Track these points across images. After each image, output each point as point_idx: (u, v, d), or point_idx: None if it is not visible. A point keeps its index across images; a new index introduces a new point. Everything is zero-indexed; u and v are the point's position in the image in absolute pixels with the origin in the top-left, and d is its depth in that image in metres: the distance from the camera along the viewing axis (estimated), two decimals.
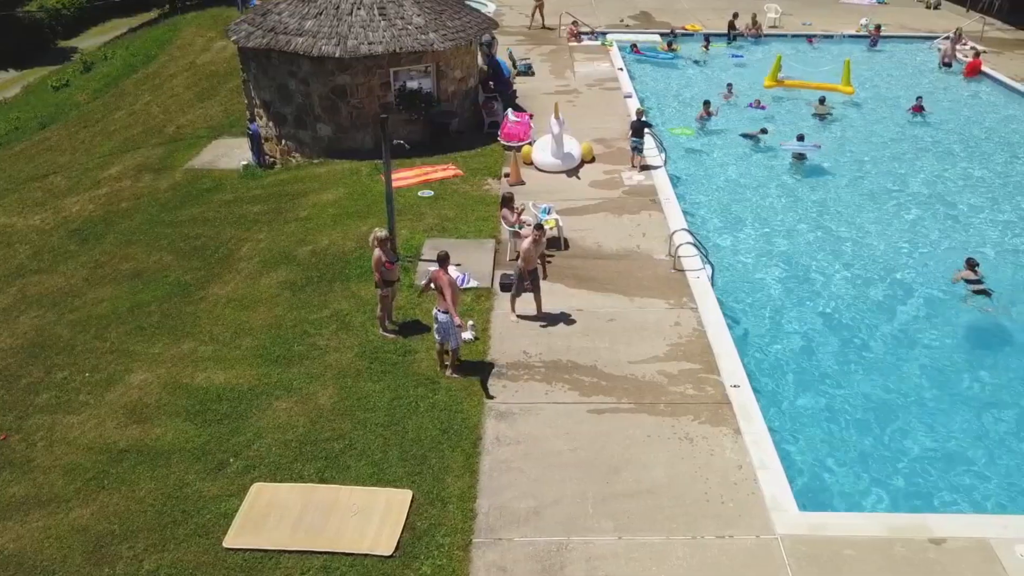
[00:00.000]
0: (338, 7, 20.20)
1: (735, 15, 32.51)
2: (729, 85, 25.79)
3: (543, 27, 32.78)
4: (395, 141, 14.73)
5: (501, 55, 27.06)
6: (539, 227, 13.74)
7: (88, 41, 42.05)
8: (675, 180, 19.94)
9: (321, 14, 20.16)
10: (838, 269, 16.38)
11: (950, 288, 15.38)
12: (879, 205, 19.12)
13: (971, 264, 14.97)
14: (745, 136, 22.48)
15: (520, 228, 15.51)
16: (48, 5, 41.72)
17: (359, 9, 20.19)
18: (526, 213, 16.21)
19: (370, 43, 19.71)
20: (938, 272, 16.05)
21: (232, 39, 20.84)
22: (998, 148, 22.59)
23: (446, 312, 11.79)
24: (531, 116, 22.02)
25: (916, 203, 19.22)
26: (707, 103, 23.63)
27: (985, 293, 14.75)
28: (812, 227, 18.08)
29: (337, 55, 19.45)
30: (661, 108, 25.56)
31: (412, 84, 20.89)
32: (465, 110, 22.30)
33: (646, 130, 19.88)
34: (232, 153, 23.14)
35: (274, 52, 20.04)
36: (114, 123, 27.10)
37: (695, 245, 15.27)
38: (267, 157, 21.81)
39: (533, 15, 32.97)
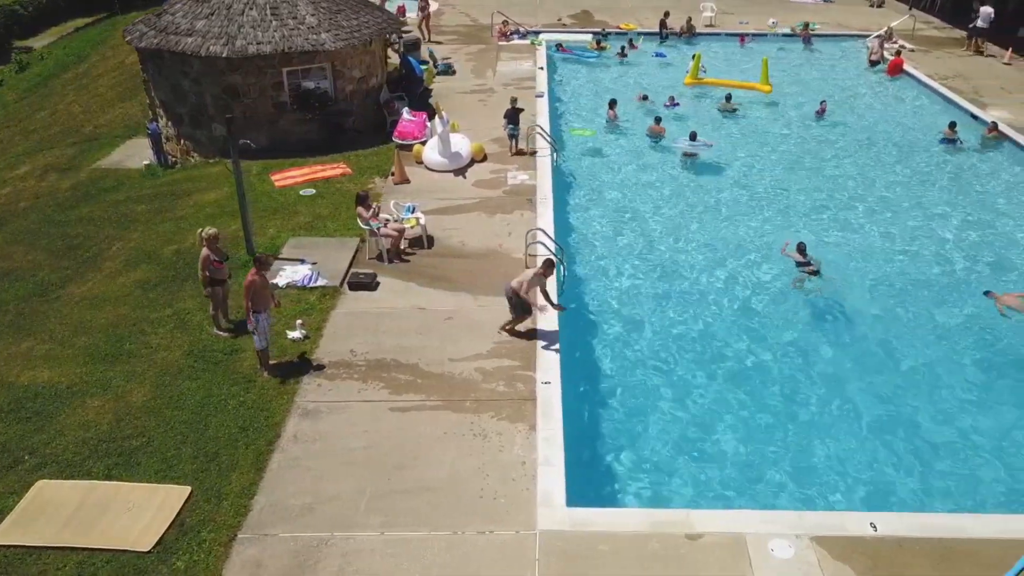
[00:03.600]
0: (230, 7, 20.29)
1: (666, 14, 32.57)
2: (644, 95, 25.61)
3: (428, 40, 30.49)
4: (241, 141, 14.87)
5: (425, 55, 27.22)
6: (549, 263, 12.97)
7: (46, 41, 42.04)
8: (565, 180, 20.05)
9: (213, 14, 20.25)
10: (699, 268, 16.45)
11: (788, 285, 15.67)
12: (756, 207, 19.11)
13: (801, 248, 15.68)
14: (650, 135, 22.53)
15: (378, 227, 15.64)
16: (4, 5, 41.79)
17: (251, 9, 20.29)
18: (386, 212, 16.32)
19: (259, 43, 19.81)
20: (791, 270, 16.13)
21: (127, 39, 20.96)
22: (893, 148, 22.57)
23: (259, 312, 11.88)
24: (429, 115, 22.09)
25: (796, 205, 19.24)
26: (613, 102, 23.69)
27: (815, 273, 15.41)
28: (685, 228, 18.08)
29: (225, 55, 19.55)
30: (576, 107, 25.63)
31: (309, 84, 21.00)
32: (367, 109, 22.39)
33: (539, 129, 20.12)
34: (143, 153, 23.20)
35: (166, 52, 20.15)
36: (35, 123, 27.26)
37: (546, 244, 15.34)
38: (168, 157, 21.94)
39: (425, 26, 30.99)
